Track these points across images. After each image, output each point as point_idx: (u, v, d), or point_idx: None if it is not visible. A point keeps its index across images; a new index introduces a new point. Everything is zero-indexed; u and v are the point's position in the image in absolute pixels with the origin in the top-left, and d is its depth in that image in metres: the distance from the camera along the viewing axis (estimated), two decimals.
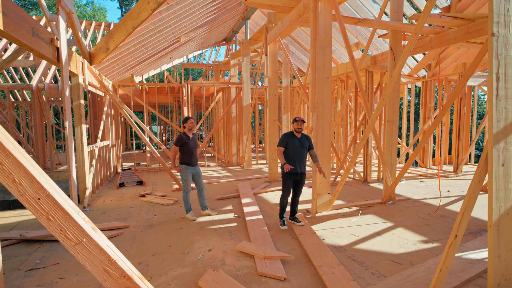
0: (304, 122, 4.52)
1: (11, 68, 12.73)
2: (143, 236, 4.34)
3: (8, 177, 1.19)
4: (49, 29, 9.19)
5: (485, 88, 9.43)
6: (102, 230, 4.44)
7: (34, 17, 10.59)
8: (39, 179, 1.24)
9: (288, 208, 5.33)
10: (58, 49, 4.44)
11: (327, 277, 3.02)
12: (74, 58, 5.43)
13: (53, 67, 9.36)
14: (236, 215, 5.27)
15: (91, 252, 1.23)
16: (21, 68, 13.99)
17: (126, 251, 3.82)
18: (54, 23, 4.95)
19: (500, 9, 2.33)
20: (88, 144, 10.56)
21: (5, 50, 9.94)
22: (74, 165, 4.86)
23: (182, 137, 5.01)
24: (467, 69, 3.99)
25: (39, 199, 1.23)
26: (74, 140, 5.82)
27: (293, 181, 4.54)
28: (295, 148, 4.45)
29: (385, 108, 5.89)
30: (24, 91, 12.05)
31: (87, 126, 9.98)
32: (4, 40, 9.76)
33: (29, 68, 13.21)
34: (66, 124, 4.66)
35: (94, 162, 6.73)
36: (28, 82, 12.01)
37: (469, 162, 10.45)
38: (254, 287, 2.95)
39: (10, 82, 14.10)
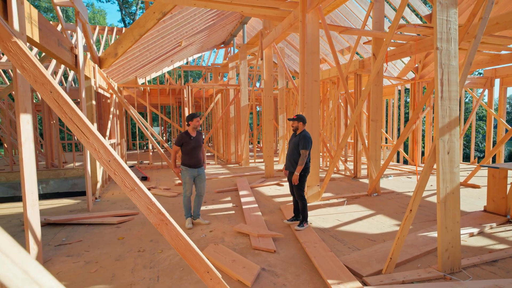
0: (295, 120, 4.37)
1: None
2: None
3: (91, 146, 1.84)
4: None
5: (471, 90, 10.04)
6: (116, 216, 5.02)
7: None
8: (109, 149, 1.87)
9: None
10: (76, 56, 5.01)
11: (310, 249, 3.60)
12: (87, 63, 6.00)
13: (60, 71, 9.94)
14: (234, 205, 5.84)
15: (139, 196, 1.83)
16: None
17: (138, 231, 4.40)
18: (69, 31, 5.51)
19: (443, 27, 2.92)
20: None
21: None
22: (89, 159, 5.43)
23: (183, 136, 4.55)
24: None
25: (109, 161, 1.85)
26: None
27: (289, 180, 4.60)
28: (289, 146, 4.56)
29: (368, 108, 6.48)
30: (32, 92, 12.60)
31: None
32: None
33: None
34: None
35: None
36: None
37: None
38: (249, 257, 3.52)
39: None
